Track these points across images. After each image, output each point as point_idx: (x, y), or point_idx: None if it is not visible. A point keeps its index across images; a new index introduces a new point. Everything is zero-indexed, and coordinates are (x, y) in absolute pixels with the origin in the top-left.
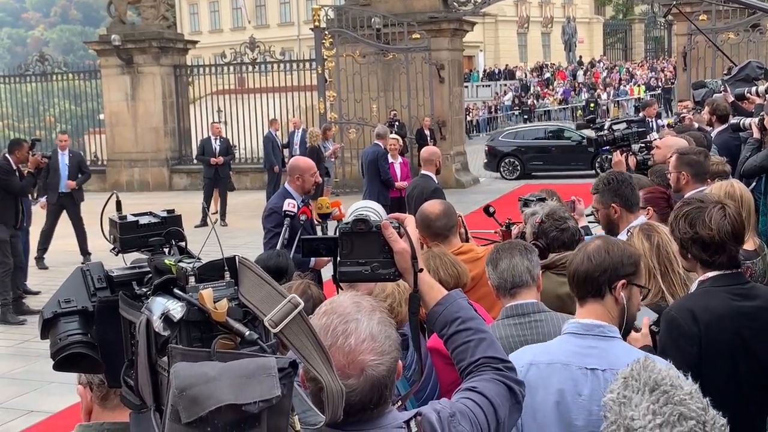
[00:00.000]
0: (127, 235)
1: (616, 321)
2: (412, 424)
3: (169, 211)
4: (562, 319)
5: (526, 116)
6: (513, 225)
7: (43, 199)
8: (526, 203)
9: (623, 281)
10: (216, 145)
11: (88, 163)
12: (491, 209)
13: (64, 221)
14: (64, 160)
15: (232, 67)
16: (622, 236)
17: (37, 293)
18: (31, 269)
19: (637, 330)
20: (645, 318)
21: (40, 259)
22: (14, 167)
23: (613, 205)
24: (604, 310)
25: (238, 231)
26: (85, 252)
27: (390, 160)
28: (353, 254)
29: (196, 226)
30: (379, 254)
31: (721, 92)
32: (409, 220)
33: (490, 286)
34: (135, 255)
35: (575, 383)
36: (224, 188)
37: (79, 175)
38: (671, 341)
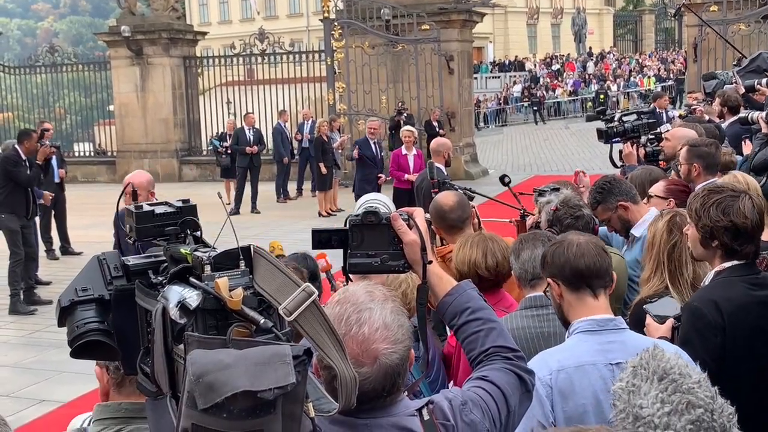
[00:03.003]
0: (143, 224)
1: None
2: (424, 411)
3: (185, 201)
4: None
5: (535, 108)
6: (527, 215)
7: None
8: (541, 193)
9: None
10: (250, 135)
11: (98, 153)
12: (506, 179)
13: (73, 213)
14: None
15: (241, 59)
16: (639, 229)
17: (48, 284)
18: (41, 260)
19: (661, 321)
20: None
21: (49, 251)
22: (23, 158)
23: (620, 204)
24: (606, 302)
25: (250, 221)
26: (67, 241)
27: (404, 151)
28: (363, 246)
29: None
30: (389, 246)
31: (732, 83)
32: (418, 212)
33: (513, 275)
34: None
35: (605, 381)
36: (256, 177)
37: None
38: (695, 332)
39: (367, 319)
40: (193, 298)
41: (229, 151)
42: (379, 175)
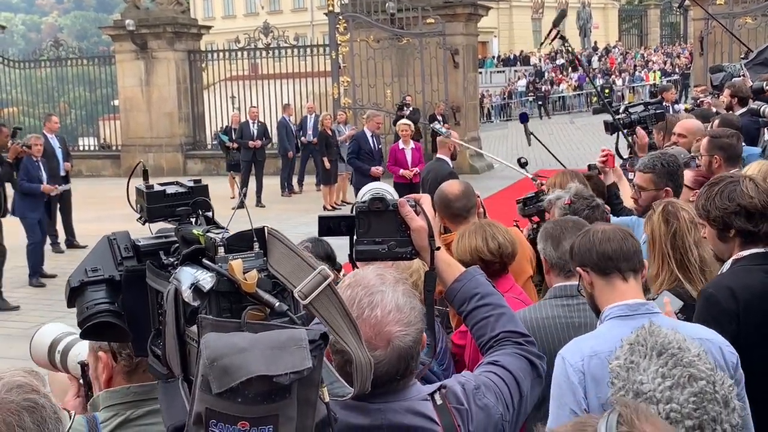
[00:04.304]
0: (154, 204)
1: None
2: (437, 396)
3: (196, 181)
4: None
5: (540, 102)
6: (521, 229)
7: (60, 187)
8: (525, 203)
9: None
10: (254, 128)
11: (103, 147)
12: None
13: (78, 206)
14: (55, 143)
15: (245, 53)
16: None
17: (53, 276)
18: (47, 252)
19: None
20: (666, 299)
21: (55, 244)
22: None
23: (667, 189)
24: (638, 286)
25: (254, 215)
26: (72, 234)
27: (401, 146)
28: (370, 233)
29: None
30: (396, 233)
31: (740, 76)
32: (425, 199)
33: (544, 261)
34: (160, 224)
35: None
36: (261, 170)
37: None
38: (710, 318)
39: (380, 301)
40: (206, 280)
41: (236, 146)
42: (377, 167)
